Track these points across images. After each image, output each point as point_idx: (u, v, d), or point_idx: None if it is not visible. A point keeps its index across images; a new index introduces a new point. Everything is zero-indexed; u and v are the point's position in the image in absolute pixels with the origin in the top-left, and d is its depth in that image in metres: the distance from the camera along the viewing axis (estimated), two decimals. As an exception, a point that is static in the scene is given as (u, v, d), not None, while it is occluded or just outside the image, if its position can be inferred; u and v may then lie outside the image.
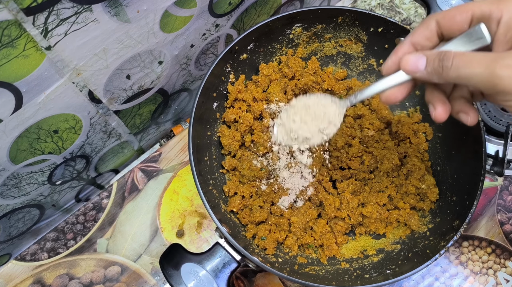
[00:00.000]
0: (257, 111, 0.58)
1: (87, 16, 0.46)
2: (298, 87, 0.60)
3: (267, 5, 0.70)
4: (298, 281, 0.48)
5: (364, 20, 0.59)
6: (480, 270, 0.62)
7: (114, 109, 0.63)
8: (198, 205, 0.66)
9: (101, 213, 0.66)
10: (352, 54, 0.64)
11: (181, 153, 0.70)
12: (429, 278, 0.62)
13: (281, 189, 0.56)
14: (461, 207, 0.52)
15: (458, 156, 0.56)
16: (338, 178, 0.58)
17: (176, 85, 0.70)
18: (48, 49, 0.46)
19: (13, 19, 0.41)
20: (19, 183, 0.59)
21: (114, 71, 0.56)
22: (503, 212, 0.65)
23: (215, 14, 0.61)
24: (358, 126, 0.61)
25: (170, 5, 0.53)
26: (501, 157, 0.65)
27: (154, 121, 0.74)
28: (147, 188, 0.68)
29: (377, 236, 0.57)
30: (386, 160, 0.57)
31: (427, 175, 0.57)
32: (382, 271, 0.52)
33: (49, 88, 0.50)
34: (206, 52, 0.68)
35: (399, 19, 0.79)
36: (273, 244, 0.53)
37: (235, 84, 0.59)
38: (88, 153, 0.67)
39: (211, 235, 0.65)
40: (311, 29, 0.61)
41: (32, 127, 0.53)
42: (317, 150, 0.59)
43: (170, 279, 0.45)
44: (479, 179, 0.51)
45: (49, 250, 0.64)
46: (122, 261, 0.63)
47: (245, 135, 0.58)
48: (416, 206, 0.57)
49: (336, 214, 0.55)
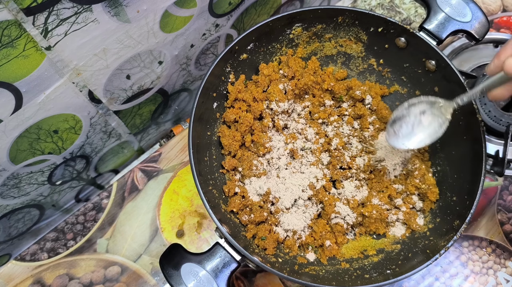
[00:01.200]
0: (257, 111, 0.58)
1: (87, 16, 0.46)
2: (298, 87, 0.60)
3: (267, 5, 0.70)
4: (298, 281, 0.48)
5: (364, 20, 0.59)
6: (480, 270, 0.62)
7: (114, 109, 0.63)
8: (198, 205, 0.66)
9: (101, 213, 0.66)
10: (352, 54, 0.64)
11: (181, 153, 0.70)
12: (429, 278, 0.62)
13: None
14: (461, 207, 0.52)
15: (458, 156, 0.56)
16: (338, 178, 0.58)
17: (176, 85, 0.70)
18: (48, 49, 0.46)
19: (13, 19, 0.41)
20: (19, 183, 0.59)
21: (114, 71, 0.56)
22: (503, 212, 0.65)
23: (215, 14, 0.61)
24: (358, 126, 0.61)
25: (170, 5, 0.53)
26: (501, 157, 0.65)
27: (154, 121, 0.74)
28: (147, 188, 0.68)
29: (377, 236, 0.57)
30: (386, 160, 0.57)
31: (427, 175, 0.57)
32: (382, 271, 0.52)
33: (49, 89, 0.50)
34: (206, 52, 0.68)
35: (399, 19, 0.79)
36: (273, 244, 0.53)
37: (235, 84, 0.59)
38: (88, 153, 0.67)
39: (211, 235, 0.65)
40: (311, 29, 0.61)
41: (32, 127, 0.53)
42: (317, 150, 0.59)
43: (170, 279, 0.45)
44: (479, 179, 0.50)
45: (49, 250, 0.64)
46: (122, 261, 0.63)
47: (245, 135, 0.58)
48: (416, 206, 0.57)
49: (336, 214, 0.55)
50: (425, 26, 0.56)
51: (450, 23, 0.56)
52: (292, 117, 0.61)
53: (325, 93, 0.61)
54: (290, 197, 0.56)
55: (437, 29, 0.56)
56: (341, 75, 0.63)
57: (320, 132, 0.60)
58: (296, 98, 0.61)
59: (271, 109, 0.59)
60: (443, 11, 0.57)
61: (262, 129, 0.58)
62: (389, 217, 0.56)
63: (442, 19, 0.57)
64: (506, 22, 0.78)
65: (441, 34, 0.56)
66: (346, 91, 0.61)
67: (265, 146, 0.57)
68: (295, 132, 0.60)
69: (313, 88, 0.61)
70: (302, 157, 0.59)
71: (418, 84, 0.61)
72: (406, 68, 0.62)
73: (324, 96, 0.61)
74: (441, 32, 0.56)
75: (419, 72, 0.60)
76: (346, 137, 0.59)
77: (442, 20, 0.56)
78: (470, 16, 0.57)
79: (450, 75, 0.56)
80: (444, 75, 0.57)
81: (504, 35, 0.76)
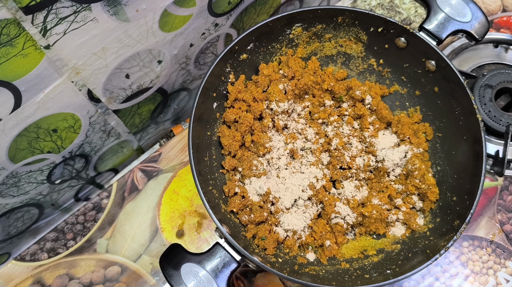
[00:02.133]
0: (257, 111, 0.58)
1: (86, 15, 0.46)
2: (298, 87, 0.60)
3: (267, 4, 0.70)
4: (298, 281, 0.48)
5: (364, 20, 0.59)
6: (480, 270, 0.62)
7: (113, 108, 0.63)
8: (198, 205, 0.66)
9: (101, 213, 0.66)
10: (352, 54, 0.64)
11: (181, 153, 0.70)
12: (429, 278, 0.62)
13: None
14: (461, 207, 0.52)
15: (458, 156, 0.56)
16: (338, 178, 0.58)
17: (176, 85, 0.70)
18: (47, 48, 0.46)
19: (12, 18, 0.40)
20: (18, 182, 0.59)
21: (113, 71, 0.56)
22: (503, 212, 0.65)
23: (214, 13, 0.61)
24: (358, 126, 0.60)
25: (169, 4, 0.53)
26: (501, 157, 0.65)
27: (153, 120, 0.74)
28: (147, 188, 0.68)
29: (377, 236, 0.57)
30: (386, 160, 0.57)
31: (427, 175, 0.57)
32: (382, 271, 0.52)
33: (48, 87, 0.50)
34: (205, 51, 0.68)
35: (399, 19, 0.79)
36: (273, 244, 0.53)
37: (235, 84, 0.59)
38: (87, 152, 0.67)
39: (211, 235, 0.64)
40: (311, 29, 0.61)
41: (31, 126, 0.53)
42: (317, 150, 0.59)
43: (170, 279, 0.45)
44: (479, 179, 0.50)
45: (49, 250, 0.64)
46: (122, 261, 0.63)
47: (245, 135, 0.58)
48: (416, 206, 0.57)
49: (336, 214, 0.55)
50: (425, 26, 0.56)
51: (450, 23, 0.56)
52: (292, 118, 0.61)
53: (325, 93, 0.61)
54: (290, 197, 0.56)
55: (437, 29, 0.56)
56: (341, 75, 0.63)
57: (320, 132, 0.60)
58: (296, 98, 0.61)
59: (271, 109, 0.59)
60: (443, 11, 0.57)
61: (262, 130, 0.58)
62: (389, 217, 0.56)
63: (442, 19, 0.56)
64: (506, 22, 0.78)
65: (441, 34, 0.56)
66: (346, 91, 0.61)
67: (265, 146, 0.57)
68: (295, 133, 0.60)
69: (313, 88, 0.61)
70: (302, 157, 0.59)
71: (418, 84, 0.61)
72: (406, 68, 0.62)
73: (324, 96, 0.61)
74: (441, 32, 0.56)
75: (419, 72, 0.60)
76: (346, 137, 0.59)
77: (442, 20, 0.56)
78: (470, 16, 0.57)
79: (450, 75, 0.56)
80: (444, 75, 0.57)
81: (504, 35, 0.76)
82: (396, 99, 0.64)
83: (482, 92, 0.68)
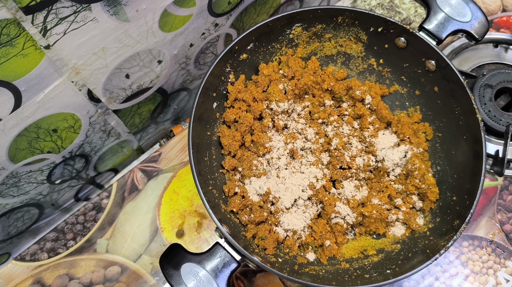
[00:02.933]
0: (257, 111, 0.58)
1: (86, 15, 0.46)
2: (298, 87, 0.60)
3: (267, 4, 0.70)
4: (298, 281, 0.48)
5: (364, 20, 0.59)
6: (480, 270, 0.62)
7: (113, 108, 0.63)
8: (198, 205, 0.66)
9: (101, 213, 0.66)
10: (352, 54, 0.64)
11: (181, 153, 0.70)
12: (429, 278, 0.62)
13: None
14: (461, 206, 0.52)
15: (458, 156, 0.56)
16: (338, 178, 0.58)
17: (176, 85, 0.70)
18: (47, 48, 0.46)
19: (12, 18, 0.40)
20: (18, 182, 0.59)
21: (113, 70, 0.56)
22: (503, 212, 0.65)
23: (214, 13, 0.61)
24: (358, 126, 0.60)
25: (169, 4, 0.53)
26: (501, 157, 0.65)
27: (153, 120, 0.74)
28: (147, 188, 0.68)
29: (377, 236, 0.57)
30: (386, 160, 0.57)
31: (427, 174, 0.57)
32: (382, 271, 0.52)
33: (48, 87, 0.50)
34: (205, 51, 0.68)
35: (399, 19, 0.79)
36: (273, 244, 0.53)
37: (235, 84, 0.59)
38: (87, 152, 0.67)
39: (211, 235, 0.64)
40: (311, 29, 0.61)
41: (31, 126, 0.53)
42: (317, 150, 0.59)
43: (170, 279, 0.45)
44: (479, 178, 0.50)
45: (49, 250, 0.64)
46: (122, 261, 0.63)
47: (245, 135, 0.58)
48: (416, 205, 0.57)
49: (336, 214, 0.55)
50: (425, 26, 0.56)
51: (450, 23, 0.56)
52: (292, 117, 0.61)
53: (325, 93, 0.61)
54: (290, 197, 0.56)
55: (437, 29, 0.56)
56: (341, 75, 0.63)
57: (320, 132, 0.60)
58: (296, 98, 0.61)
59: (271, 109, 0.59)
60: (443, 11, 0.57)
61: (262, 129, 0.58)
62: (389, 217, 0.56)
63: (442, 19, 0.56)
64: (506, 22, 0.78)
65: (441, 34, 0.56)
66: (346, 91, 0.61)
67: (265, 146, 0.57)
68: (295, 132, 0.60)
69: (313, 88, 0.61)
70: (302, 157, 0.59)
71: (418, 84, 0.61)
72: (406, 68, 0.62)
73: (324, 96, 0.61)
74: (441, 32, 0.56)
75: (419, 72, 0.60)
76: (346, 137, 0.59)
77: (442, 20, 0.56)
78: (470, 16, 0.57)
79: (450, 75, 0.56)
80: (444, 75, 0.57)
81: (504, 35, 0.76)
82: (396, 99, 0.64)
83: (482, 92, 0.68)
